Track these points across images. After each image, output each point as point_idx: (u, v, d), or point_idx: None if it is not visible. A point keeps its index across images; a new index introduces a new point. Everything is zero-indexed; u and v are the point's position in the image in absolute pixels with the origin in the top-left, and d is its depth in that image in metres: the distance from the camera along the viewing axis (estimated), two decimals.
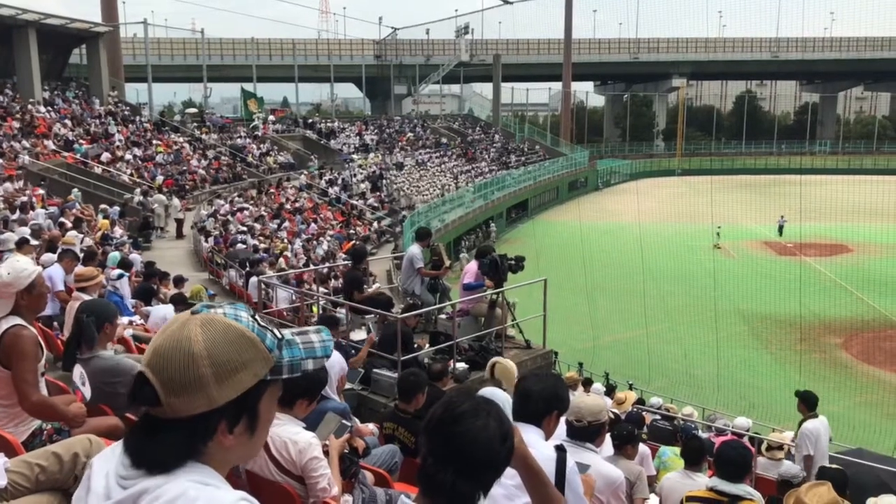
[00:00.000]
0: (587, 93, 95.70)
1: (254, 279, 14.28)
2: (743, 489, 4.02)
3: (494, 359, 6.04)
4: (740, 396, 19.63)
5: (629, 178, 67.91)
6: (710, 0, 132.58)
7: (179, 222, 24.47)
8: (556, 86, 78.77)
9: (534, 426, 2.86)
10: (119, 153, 29.39)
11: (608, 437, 5.38)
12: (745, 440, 9.82)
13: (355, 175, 39.33)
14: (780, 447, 9.14)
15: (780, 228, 41.18)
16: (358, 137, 47.97)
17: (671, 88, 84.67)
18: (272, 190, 31.72)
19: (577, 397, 3.74)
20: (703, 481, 4.95)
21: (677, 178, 66.53)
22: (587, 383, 12.97)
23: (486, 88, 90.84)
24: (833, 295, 28.93)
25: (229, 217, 24.67)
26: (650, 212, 41.84)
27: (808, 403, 8.18)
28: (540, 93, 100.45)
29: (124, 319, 7.57)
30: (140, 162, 29.71)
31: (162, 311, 8.35)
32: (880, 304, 27.01)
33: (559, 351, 17.24)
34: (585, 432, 3.54)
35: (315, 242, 25.37)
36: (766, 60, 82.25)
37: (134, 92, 46.58)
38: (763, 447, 9.18)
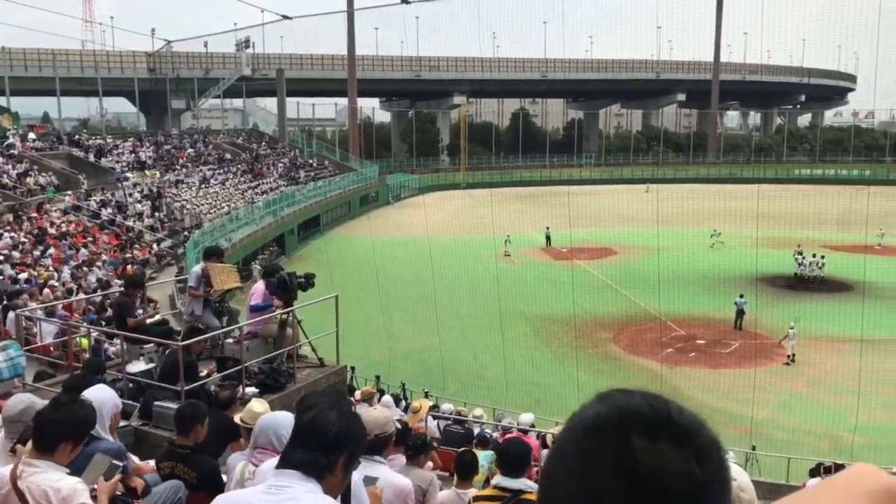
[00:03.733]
0: (374, 108, 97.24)
1: (12, 314, 12.82)
2: (524, 483, 4.23)
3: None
4: (527, 394, 20.81)
5: (418, 191, 69.63)
6: (483, 21, 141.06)
7: None
8: (343, 101, 79.15)
9: None
10: None
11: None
12: (532, 435, 10.47)
13: (131, 194, 36.68)
14: None
15: (548, 238, 43.99)
16: (132, 154, 44.82)
17: (453, 105, 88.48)
18: (33, 214, 28.67)
19: (364, 411, 3.76)
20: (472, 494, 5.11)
21: (462, 192, 69.30)
22: (382, 394, 13.12)
23: (270, 103, 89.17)
24: (602, 294, 31.73)
25: None
26: (438, 224, 43.24)
27: None
28: (327, 108, 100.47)
29: None
30: None
31: None
32: (642, 299, 30.00)
33: (356, 366, 17.26)
34: (373, 445, 3.57)
35: (86, 269, 23.29)
36: (537, 80, 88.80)
37: None
38: (549, 440, 9.85)
